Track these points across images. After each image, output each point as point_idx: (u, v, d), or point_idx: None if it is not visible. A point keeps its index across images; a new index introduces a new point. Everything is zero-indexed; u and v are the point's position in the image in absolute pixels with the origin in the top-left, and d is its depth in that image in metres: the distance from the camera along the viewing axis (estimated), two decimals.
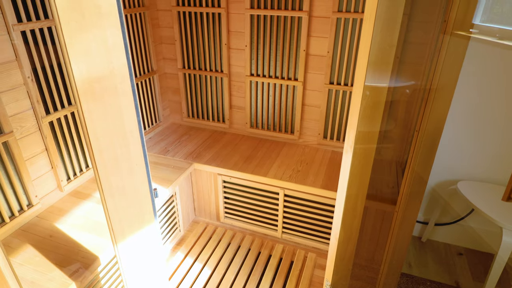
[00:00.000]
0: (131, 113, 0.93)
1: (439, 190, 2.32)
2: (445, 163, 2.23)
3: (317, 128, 2.44)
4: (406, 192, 1.85)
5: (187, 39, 2.54)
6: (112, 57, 0.86)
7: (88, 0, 0.78)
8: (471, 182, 2.13)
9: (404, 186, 1.85)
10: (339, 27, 2.11)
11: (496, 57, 1.93)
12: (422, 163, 1.80)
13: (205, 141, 2.58)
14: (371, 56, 1.21)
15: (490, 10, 1.90)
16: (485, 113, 2.03)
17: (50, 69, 1.79)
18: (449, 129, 2.15)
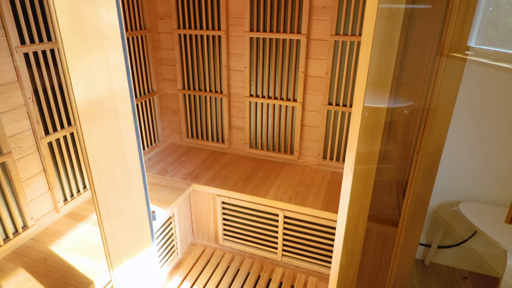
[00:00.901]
0: (130, 135, 0.93)
1: (441, 212, 2.30)
2: (446, 184, 2.22)
3: (316, 148, 2.44)
4: (407, 213, 1.83)
5: (187, 61, 2.58)
6: (113, 80, 0.86)
7: (92, 24, 0.79)
8: (473, 203, 2.11)
9: (405, 208, 1.83)
10: (337, 49, 2.15)
11: (493, 79, 1.95)
12: (423, 184, 1.78)
13: (204, 162, 2.56)
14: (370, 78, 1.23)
15: (484, 32, 1.94)
16: (486, 134, 2.04)
17: (51, 90, 1.80)
18: (449, 150, 2.15)
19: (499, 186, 2.08)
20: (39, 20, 1.70)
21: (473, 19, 1.81)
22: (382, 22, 1.21)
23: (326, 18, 2.11)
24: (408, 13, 2.03)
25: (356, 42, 2.08)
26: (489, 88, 1.97)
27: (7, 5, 1.52)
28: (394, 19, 1.41)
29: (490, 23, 1.94)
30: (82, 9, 0.78)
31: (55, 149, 1.85)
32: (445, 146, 2.04)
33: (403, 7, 1.84)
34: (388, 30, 1.36)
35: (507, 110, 1.94)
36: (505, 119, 1.96)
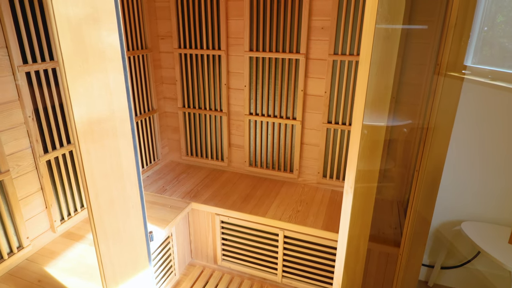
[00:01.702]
0: (129, 155, 0.92)
1: (443, 231, 2.26)
2: (447, 202, 2.20)
3: (316, 167, 2.43)
4: (409, 233, 1.80)
5: (187, 79, 2.60)
6: (113, 100, 0.86)
7: (93, 45, 0.80)
8: (475, 223, 2.08)
9: (407, 227, 1.80)
10: (335, 68, 2.18)
11: (491, 97, 1.97)
12: (424, 203, 1.77)
13: (203, 180, 2.55)
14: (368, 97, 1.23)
15: (481, 52, 1.97)
16: (486, 152, 2.03)
17: (52, 108, 1.81)
18: (450, 168, 2.14)
19: (502, 205, 2.06)
20: (41, 39, 1.72)
21: (469, 39, 1.84)
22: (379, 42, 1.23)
23: (325, 39, 2.15)
24: (405, 33, 2.07)
25: (354, 61, 2.11)
26: (488, 107, 1.98)
27: (10, 25, 1.55)
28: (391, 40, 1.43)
29: (486, 43, 1.97)
30: (84, 31, 0.79)
31: (53, 168, 1.84)
32: (446, 164, 2.03)
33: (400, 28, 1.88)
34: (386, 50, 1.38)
35: (507, 128, 1.94)
36: (505, 138, 1.96)
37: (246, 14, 2.25)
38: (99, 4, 0.80)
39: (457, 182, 2.15)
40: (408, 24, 2.05)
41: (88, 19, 0.78)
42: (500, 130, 1.96)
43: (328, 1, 2.07)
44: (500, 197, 2.05)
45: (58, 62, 0.71)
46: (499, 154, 1.99)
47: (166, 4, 2.47)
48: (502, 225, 2.06)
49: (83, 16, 0.77)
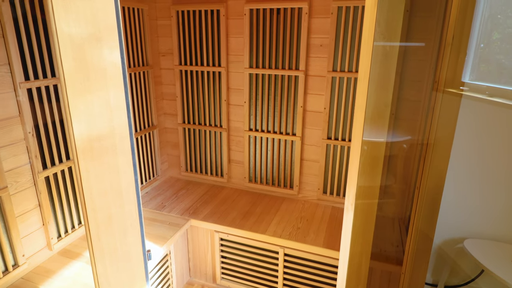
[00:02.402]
0: (128, 172, 0.92)
1: (446, 249, 2.23)
2: (450, 220, 2.17)
3: (316, 183, 2.42)
4: (411, 250, 1.78)
5: (187, 96, 2.62)
6: (113, 117, 0.87)
7: (94, 64, 0.81)
8: (478, 240, 2.05)
9: (409, 245, 1.78)
10: (334, 85, 2.19)
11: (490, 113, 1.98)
12: (426, 220, 1.75)
13: (202, 196, 2.53)
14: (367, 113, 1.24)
15: (478, 68, 1.99)
16: (488, 168, 2.03)
17: (52, 125, 1.81)
18: (451, 185, 2.13)
19: (505, 222, 2.04)
20: (44, 56, 1.74)
21: (466, 56, 1.86)
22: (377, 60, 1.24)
23: (323, 56, 2.18)
24: (403, 51, 2.09)
25: (353, 78, 2.13)
26: (487, 123, 1.99)
27: (13, 42, 1.57)
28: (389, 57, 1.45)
29: (483, 59, 1.99)
30: (86, 50, 0.80)
31: (51, 184, 1.82)
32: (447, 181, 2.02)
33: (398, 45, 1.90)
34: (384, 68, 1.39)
35: (507, 144, 1.94)
36: (505, 154, 1.96)
37: (246, 32, 2.29)
38: (102, 23, 0.81)
39: (459, 198, 2.13)
40: (405, 41, 2.09)
41: (91, 38, 0.80)
42: (500, 146, 1.96)
43: (327, 19, 2.11)
44: (503, 214, 2.03)
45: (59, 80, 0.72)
46: (500, 170, 1.99)
47: (168, 22, 2.51)
48: (506, 242, 2.04)
49: (86, 35, 0.78)
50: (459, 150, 2.07)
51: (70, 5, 0.73)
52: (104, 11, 0.80)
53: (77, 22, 0.75)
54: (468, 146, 2.05)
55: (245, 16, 2.26)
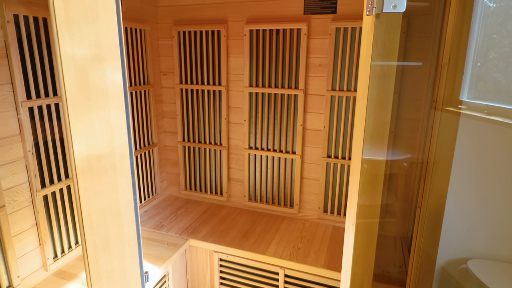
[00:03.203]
0: (127, 192, 0.91)
1: (450, 270, 2.19)
2: (453, 239, 2.14)
3: (316, 202, 2.40)
4: (414, 271, 1.74)
5: (188, 114, 2.64)
6: (113, 136, 0.87)
7: (96, 84, 0.82)
8: (483, 260, 2.02)
9: (412, 265, 1.75)
10: (333, 103, 2.21)
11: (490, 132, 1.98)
12: (428, 239, 1.72)
13: (201, 215, 2.50)
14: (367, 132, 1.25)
15: (475, 87, 2.02)
16: (490, 186, 2.01)
17: (52, 143, 1.81)
18: (453, 204, 2.11)
19: (509, 242, 2.01)
20: (46, 75, 1.76)
21: (463, 75, 1.89)
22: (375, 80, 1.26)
23: (322, 75, 2.21)
24: (401, 70, 2.13)
25: (352, 97, 2.15)
26: (487, 141, 1.99)
27: (17, 62, 1.59)
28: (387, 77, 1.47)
29: (480, 78, 2.02)
30: (88, 70, 0.81)
31: (50, 203, 1.81)
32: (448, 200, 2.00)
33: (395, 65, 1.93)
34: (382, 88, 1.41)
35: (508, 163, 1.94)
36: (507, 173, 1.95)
37: (246, 51, 2.33)
38: (105, 45, 0.83)
39: (462, 217, 2.11)
40: (403, 61, 2.12)
41: (93, 59, 0.81)
42: (502, 164, 1.96)
43: (325, 40, 2.15)
44: (507, 233, 2.00)
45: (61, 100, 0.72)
46: (503, 188, 1.97)
47: (169, 42, 2.56)
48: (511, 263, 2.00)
49: (89, 57, 0.80)
50: (459, 169, 2.07)
51: (74, 29, 0.74)
52: (107, 34, 0.82)
53: (80, 44, 0.76)
54: (469, 165, 2.05)
55: (245, 37, 2.31)
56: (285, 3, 2.19)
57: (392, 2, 1.14)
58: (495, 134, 1.97)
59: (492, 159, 1.97)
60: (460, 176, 2.07)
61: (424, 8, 2.00)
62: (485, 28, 1.83)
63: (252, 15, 2.29)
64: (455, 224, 2.12)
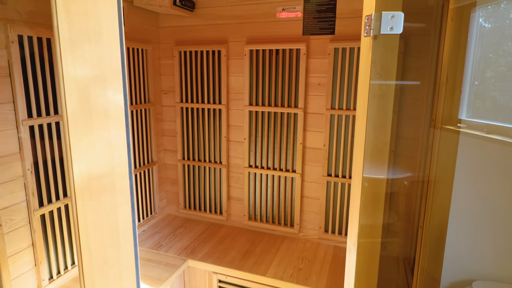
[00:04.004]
0: (126, 212, 0.90)
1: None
2: (457, 260, 2.10)
3: (317, 221, 2.37)
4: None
5: (188, 132, 2.65)
6: (113, 156, 0.87)
7: (98, 104, 0.82)
8: (488, 282, 1.97)
9: (416, 287, 1.71)
10: (333, 122, 2.22)
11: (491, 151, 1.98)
12: (431, 260, 1.69)
13: (201, 235, 2.46)
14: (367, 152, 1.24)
15: (474, 105, 2.03)
16: (496, 206, 2.00)
17: (51, 162, 1.81)
18: (456, 224, 2.08)
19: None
20: (48, 93, 1.78)
21: (461, 94, 1.90)
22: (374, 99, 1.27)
23: (322, 94, 2.23)
24: (399, 89, 2.15)
25: (351, 115, 2.16)
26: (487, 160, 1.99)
27: (20, 81, 1.61)
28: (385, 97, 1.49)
29: (478, 97, 2.04)
30: (90, 91, 0.81)
31: (47, 222, 1.78)
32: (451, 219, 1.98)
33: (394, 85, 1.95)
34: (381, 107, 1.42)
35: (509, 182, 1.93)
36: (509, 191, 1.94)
37: (246, 71, 2.36)
38: (107, 65, 0.84)
39: (465, 237, 2.08)
40: (401, 80, 2.14)
41: (95, 80, 0.82)
42: (504, 184, 1.95)
43: (324, 59, 2.19)
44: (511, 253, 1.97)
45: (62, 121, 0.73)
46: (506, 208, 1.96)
47: (170, 62, 2.60)
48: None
49: (91, 77, 0.81)
50: (461, 188, 2.06)
51: (78, 51, 0.76)
52: (110, 55, 0.83)
53: (83, 65, 0.77)
54: (470, 184, 2.03)
55: (245, 56, 2.34)
56: (284, 24, 2.24)
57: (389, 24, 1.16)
58: (496, 153, 1.97)
59: (493, 178, 1.96)
60: (462, 196, 2.06)
61: (421, 29, 2.04)
62: (481, 47, 1.86)
63: (252, 36, 2.33)
64: (459, 244, 2.09)
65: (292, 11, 2.20)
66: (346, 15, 2.10)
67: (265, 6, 2.26)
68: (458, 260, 2.10)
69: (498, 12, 1.71)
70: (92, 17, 0.82)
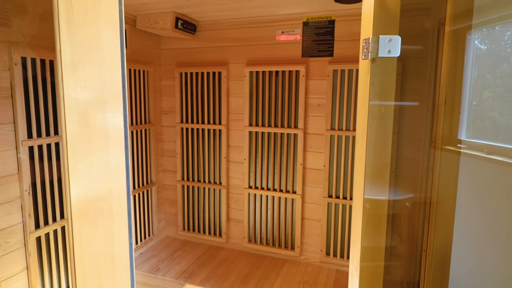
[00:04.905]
0: (123, 236, 0.88)
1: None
2: (462, 284, 2.05)
3: (318, 243, 2.33)
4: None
5: (188, 152, 2.64)
6: (112, 178, 0.86)
7: (98, 127, 0.82)
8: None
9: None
10: (333, 143, 2.22)
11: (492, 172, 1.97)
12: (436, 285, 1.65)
13: (199, 258, 2.41)
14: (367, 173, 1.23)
15: (473, 125, 2.03)
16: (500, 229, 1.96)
17: (50, 183, 1.79)
18: (461, 247, 2.04)
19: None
20: (49, 114, 1.79)
21: (460, 114, 1.91)
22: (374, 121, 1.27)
23: (321, 115, 2.24)
24: (398, 111, 2.16)
25: (351, 136, 2.17)
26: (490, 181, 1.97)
27: (21, 103, 1.62)
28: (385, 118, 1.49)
29: (477, 117, 2.04)
30: (90, 113, 0.82)
31: (42, 244, 1.75)
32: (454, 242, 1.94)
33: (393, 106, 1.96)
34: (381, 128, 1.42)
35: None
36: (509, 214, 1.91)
37: (246, 92, 2.38)
38: (107, 88, 0.85)
39: (469, 261, 2.03)
40: (399, 101, 2.16)
41: (96, 102, 0.82)
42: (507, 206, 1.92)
43: (323, 81, 2.21)
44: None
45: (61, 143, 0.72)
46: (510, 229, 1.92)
47: (171, 83, 2.63)
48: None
49: (91, 99, 0.81)
50: (464, 210, 2.03)
51: (79, 73, 0.76)
52: (111, 78, 0.84)
53: (84, 88, 0.77)
54: (473, 206, 2.01)
55: (245, 78, 2.37)
56: (283, 47, 2.29)
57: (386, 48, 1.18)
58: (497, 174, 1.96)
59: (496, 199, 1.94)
60: (465, 218, 2.03)
61: (418, 51, 2.08)
62: (478, 69, 1.89)
63: (252, 58, 2.37)
64: (463, 268, 2.04)
65: (291, 34, 2.25)
66: (344, 38, 2.14)
67: (264, 29, 2.31)
68: (464, 284, 2.04)
69: (493, 35, 1.74)
70: (94, 41, 0.83)
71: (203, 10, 2.12)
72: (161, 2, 1.97)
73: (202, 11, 2.15)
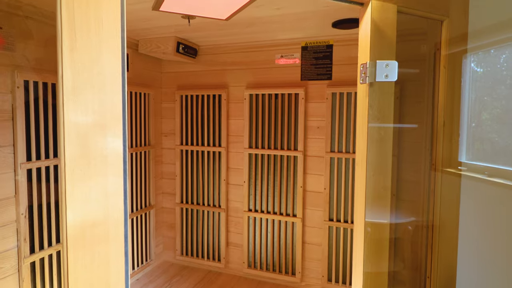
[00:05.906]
0: (119, 262, 0.86)
1: None
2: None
3: (320, 269, 2.27)
4: None
5: (187, 175, 2.63)
6: (109, 204, 0.85)
7: (97, 151, 0.82)
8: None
9: None
10: (333, 165, 2.22)
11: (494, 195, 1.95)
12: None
13: (197, 284, 2.34)
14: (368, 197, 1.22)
15: (473, 147, 2.03)
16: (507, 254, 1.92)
17: (47, 206, 1.77)
18: (466, 272, 1.99)
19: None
20: (49, 137, 1.79)
21: (459, 136, 1.91)
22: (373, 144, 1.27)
23: (321, 137, 2.24)
24: (397, 133, 2.17)
25: (351, 158, 2.16)
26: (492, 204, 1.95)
27: (22, 126, 1.63)
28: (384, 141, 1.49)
29: (476, 138, 2.04)
30: (90, 137, 0.82)
31: (37, 270, 1.70)
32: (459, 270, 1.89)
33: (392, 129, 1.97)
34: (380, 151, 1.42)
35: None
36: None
37: (246, 114, 2.40)
38: (108, 112, 0.85)
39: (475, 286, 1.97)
40: (398, 123, 2.17)
41: (96, 126, 0.82)
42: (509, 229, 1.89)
43: (322, 103, 2.23)
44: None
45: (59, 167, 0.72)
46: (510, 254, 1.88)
47: (172, 105, 2.65)
48: None
49: (91, 124, 0.81)
50: (467, 234, 1.99)
51: (80, 97, 0.77)
52: (111, 102, 0.84)
53: (85, 113, 0.78)
54: (476, 230, 1.97)
55: (245, 100, 2.40)
56: (283, 70, 2.32)
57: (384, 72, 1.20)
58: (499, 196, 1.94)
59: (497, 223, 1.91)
60: (468, 243, 1.99)
61: (415, 74, 2.11)
62: (476, 91, 1.91)
63: (252, 81, 2.41)
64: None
65: (290, 58, 2.29)
66: (342, 62, 2.18)
67: (264, 53, 2.35)
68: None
69: (489, 58, 1.78)
70: (96, 66, 0.84)
71: (204, 34, 2.18)
72: (163, 27, 2.02)
73: (203, 35, 2.20)
